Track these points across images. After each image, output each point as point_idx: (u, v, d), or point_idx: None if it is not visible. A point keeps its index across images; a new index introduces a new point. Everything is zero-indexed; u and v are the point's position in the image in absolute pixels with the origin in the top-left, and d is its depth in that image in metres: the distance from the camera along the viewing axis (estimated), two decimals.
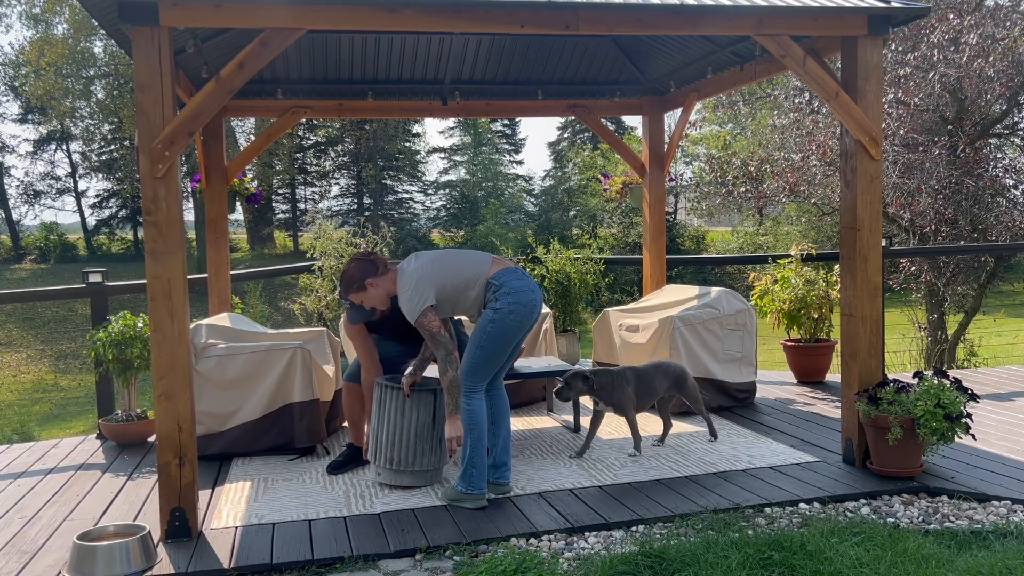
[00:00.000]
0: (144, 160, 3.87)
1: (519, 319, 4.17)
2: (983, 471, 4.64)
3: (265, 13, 3.92)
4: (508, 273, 4.24)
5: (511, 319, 4.16)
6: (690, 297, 6.40)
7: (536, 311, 4.25)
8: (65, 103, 29.85)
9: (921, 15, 4.64)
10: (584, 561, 3.58)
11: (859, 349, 4.71)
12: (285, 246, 37.65)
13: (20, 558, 3.83)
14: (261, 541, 3.90)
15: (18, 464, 5.46)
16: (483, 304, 4.25)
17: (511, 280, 4.20)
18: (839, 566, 3.39)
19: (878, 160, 4.66)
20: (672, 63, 6.81)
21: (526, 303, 4.18)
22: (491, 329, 4.17)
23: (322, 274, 7.66)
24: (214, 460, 5.23)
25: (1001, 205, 11.69)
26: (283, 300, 21.64)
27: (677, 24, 4.45)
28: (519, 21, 4.19)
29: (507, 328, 4.17)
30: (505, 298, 4.16)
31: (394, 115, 7.30)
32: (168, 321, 3.92)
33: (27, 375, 20.29)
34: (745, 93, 14.76)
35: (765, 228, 28.10)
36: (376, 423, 4.58)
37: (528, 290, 4.21)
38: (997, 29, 10.49)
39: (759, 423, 5.83)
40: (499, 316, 4.15)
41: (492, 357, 4.22)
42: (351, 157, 38.04)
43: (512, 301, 4.15)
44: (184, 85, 5.49)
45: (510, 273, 4.24)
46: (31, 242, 35.28)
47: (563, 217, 35.63)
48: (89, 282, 6.12)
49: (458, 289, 4.20)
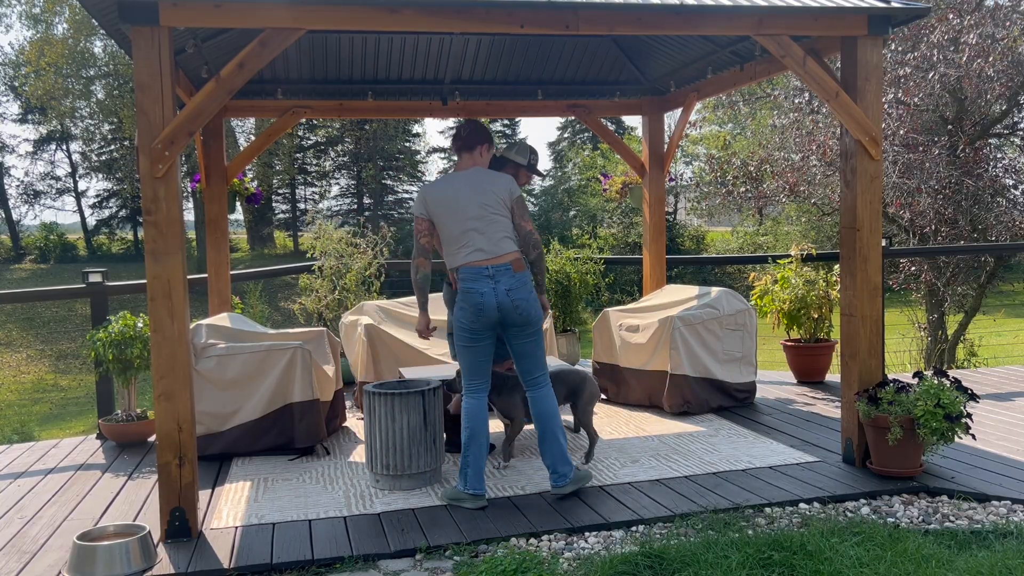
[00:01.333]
0: (144, 160, 3.87)
1: (464, 315, 4.27)
2: (983, 471, 4.64)
3: (265, 13, 3.92)
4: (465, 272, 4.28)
5: (459, 314, 4.31)
6: (690, 297, 6.40)
7: (483, 312, 4.22)
8: (65, 103, 29.84)
9: (921, 15, 4.64)
10: (584, 561, 3.58)
11: (859, 349, 4.71)
12: (285, 246, 37.66)
13: (20, 558, 3.83)
14: (261, 541, 3.90)
15: (18, 464, 5.46)
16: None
17: (463, 279, 4.29)
18: (839, 566, 3.39)
19: (878, 160, 4.66)
20: (672, 63, 6.81)
21: (472, 304, 4.25)
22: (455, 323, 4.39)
23: (322, 274, 7.66)
24: (214, 460, 5.23)
25: (1001, 205, 11.69)
26: (283, 300, 21.65)
27: (677, 24, 4.45)
28: (519, 21, 4.19)
29: (458, 323, 4.33)
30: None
31: (394, 115, 7.30)
32: (168, 321, 3.92)
33: (27, 375, 20.29)
34: (745, 93, 14.77)
35: (765, 228, 28.09)
36: (368, 430, 4.59)
37: (476, 292, 4.23)
38: (997, 29, 10.49)
39: (759, 423, 5.83)
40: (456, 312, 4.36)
41: (461, 351, 4.36)
42: (351, 157, 38.05)
43: (459, 299, 4.31)
44: (184, 85, 5.49)
45: (467, 272, 4.27)
46: (31, 242, 35.28)
47: (563, 217, 35.61)
48: (89, 282, 6.12)
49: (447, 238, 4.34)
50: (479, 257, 4.25)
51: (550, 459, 4.34)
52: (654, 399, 6.16)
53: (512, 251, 4.28)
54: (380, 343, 6.17)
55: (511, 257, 4.27)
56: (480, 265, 4.24)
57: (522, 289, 4.25)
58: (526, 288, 4.28)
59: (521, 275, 4.28)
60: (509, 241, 4.29)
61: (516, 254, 4.30)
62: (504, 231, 4.29)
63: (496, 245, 4.25)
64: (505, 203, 4.30)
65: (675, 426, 5.75)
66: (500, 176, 4.36)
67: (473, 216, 4.25)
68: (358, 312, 6.70)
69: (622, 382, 6.34)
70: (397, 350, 6.19)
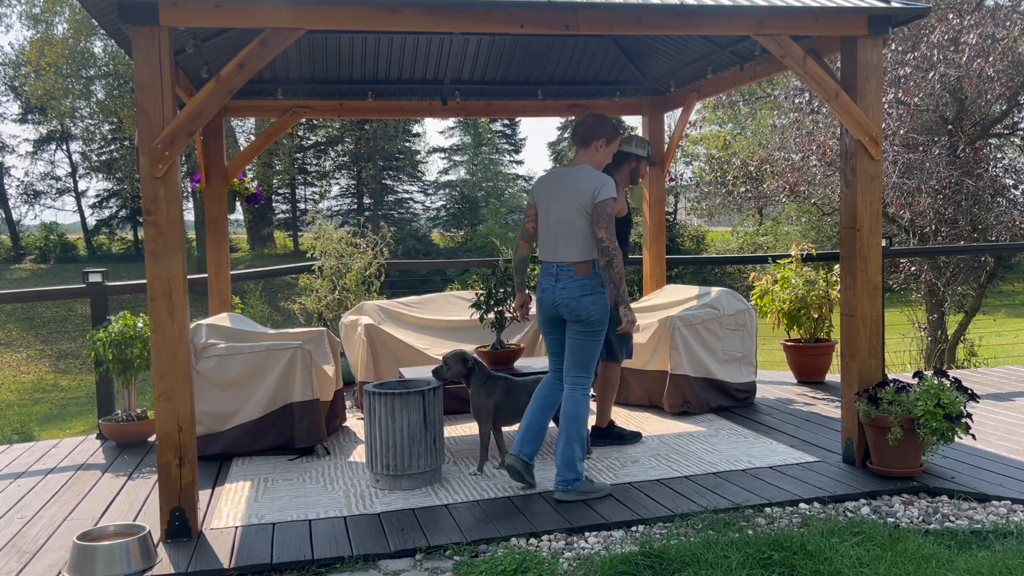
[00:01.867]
0: (144, 160, 3.87)
1: (537, 307, 4.57)
2: (983, 471, 4.64)
3: (265, 13, 3.92)
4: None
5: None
6: (690, 297, 6.40)
7: (543, 307, 4.47)
8: (65, 103, 29.84)
9: (921, 15, 4.64)
10: (584, 561, 3.58)
11: (859, 349, 4.71)
12: (285, 246, 37.66)
13: (20, 558, 3.83)
14: (261, 541, 3.90)
15: (18, 464, 5.46)
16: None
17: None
18: (839, 566, 3.39)
19: (878, 160, 4.66)
20: (672, 63, 6.81)
21: (538, 298, 4.53)
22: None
23: (322, 274, 7.66)
24: (214, 460, 5.23)
25: (1001, 205, 11.69)
26: (283, 300, 21.65)
27: (677, 24, 4.44)
28: (519, 21, 4.19)
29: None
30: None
31: (394, 115, 7.30)
32: (168, 321, 3.92)
33: (27, 375, 20.29)
34: (745, 93, 14.77)
35: (765, 228, 28.09)
36: (368, 430, 4.59)
37: (540, 288, 4.48)
38: (997, 29, 10.49)
39: (759, 423, 5.83)
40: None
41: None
42: (351, 157, 38.05)
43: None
44: (184, 85, 5.49)
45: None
46: (31, 242, 35.28)
47: None
48: (89, 282, 6.12)
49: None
50: (548, 255, 4.40)
51: (558, 460, 4.37)
52: (654, 399, 6.16)
53: (578, 255, 4.31)
54: (380, 343, 6.17)
55: (576, 259, 4.31)
56: (548, 262, 4.41)
57: (574, 288, 4.30)
58: (582, 288, 4.30)
59: (584, 278, 4.31)
60: (578, 244, 4.31)
61: (582, 257, 4.31)
62: (576, 234, 4.30)
63: (566, 246, 4.33)
64: (585, 208, 4.26)
65: (675, 426, 5.75)
66: (593, 178, 4.29)
67: (556, 214, 4.35)
68: (358, 312, 6.70)
69: (622, 382, 6.34)
70: (397, 350, 6.19)
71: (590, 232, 4.27)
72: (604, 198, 4.23)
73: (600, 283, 4.34)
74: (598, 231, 4.22)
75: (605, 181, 4.28)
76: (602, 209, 4.22)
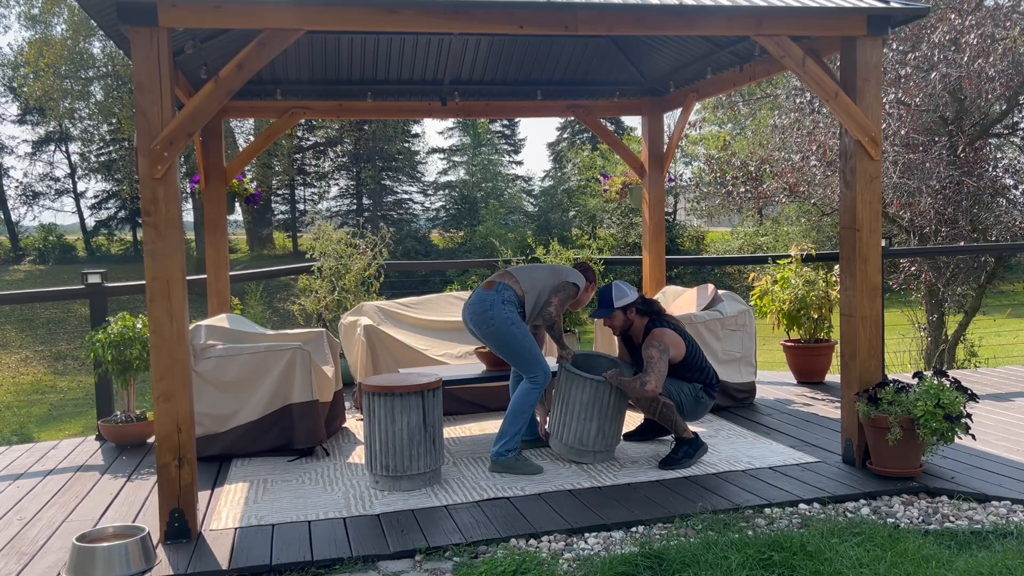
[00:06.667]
0: (143, 161, 3.87)
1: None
2: (983, 471, 4.64)
3: (265, 13, 3.91)
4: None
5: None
6: (690, 298, 6.40)
7: (467, 322, 5.00)
8: (64, 104, 29.82)
9: (921, 15, 4.64)
10: (584, 562, 3.58)
11: (859, 349, 4.71)
12: (284, 247, 37.61)
13: (19, 559, 3.82)
14: (260, 542, 3.89)
15: (17, 465, 5.46)
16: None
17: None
18: (839, 566, 3.38)
19: (878, 160, 4.66)
20: (671, 63, 6.81)
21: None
22: None
23: (321, 275, 7.65)
24: (213, 461, 5.22)
25: (1001, 205, 11.69)
26: (282, 301, 21.65)
27: (677, 24, 4.44)
28: (518, 21, 4.19)
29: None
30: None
31: (393, 116, 7.30)
32: (167, 322, 3.92)
33: (26, 376, 20.27)
34: (745, 93, 14.77)
35: (765, 228, 28.06)
36: (368, 431, 4.58)
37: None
38: (997, 29, 10.49)
39: (759, 423, 5.82)
40: None
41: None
42: (350, 158, 38.01)
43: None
44: (183, 86, 5.49)
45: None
46: (30, 243, 35.23)
47: (563, 218, 35.58)
48: (88, 283, 6.11)
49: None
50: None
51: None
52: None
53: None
54: (379, 344, 6.16)
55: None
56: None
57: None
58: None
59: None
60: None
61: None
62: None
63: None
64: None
65: None
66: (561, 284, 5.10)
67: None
68: (357, 313, 6.70)
69: None
70: (396, 351, 6.18)
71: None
72: (563, 295, 5.12)
73: (501, 300, 4.92)
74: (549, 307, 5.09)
75: (565, 287, 5.14)
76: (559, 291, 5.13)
